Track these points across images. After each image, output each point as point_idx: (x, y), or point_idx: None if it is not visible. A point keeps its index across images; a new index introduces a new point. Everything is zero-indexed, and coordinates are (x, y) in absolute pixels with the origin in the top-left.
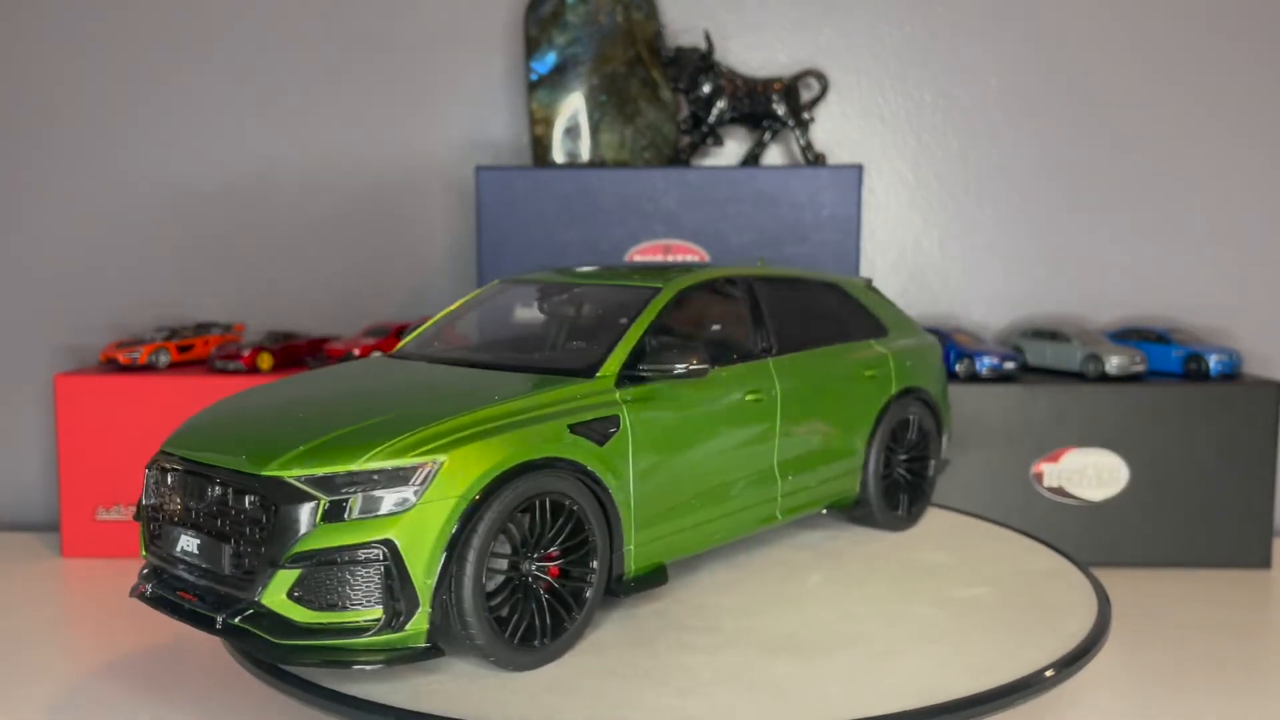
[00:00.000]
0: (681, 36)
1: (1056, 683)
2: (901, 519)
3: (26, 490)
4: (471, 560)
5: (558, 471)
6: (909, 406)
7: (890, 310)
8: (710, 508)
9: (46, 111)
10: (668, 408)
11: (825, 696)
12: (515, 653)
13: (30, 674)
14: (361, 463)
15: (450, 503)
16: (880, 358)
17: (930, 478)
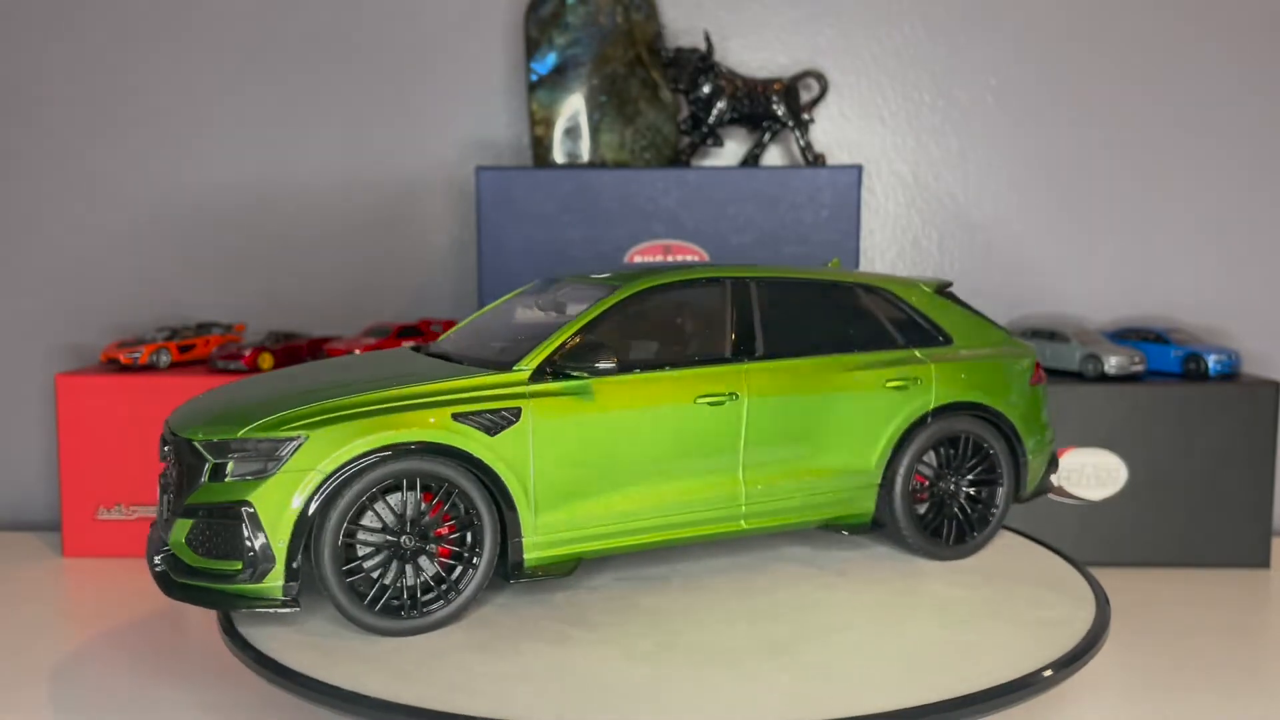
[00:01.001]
0: (681, 37)
1: (1055, 682)
2: (945, 549)
3: (27, 490)
4: (329, 529)
5: (436, 456)
6: (959, 423)
7: (961, 318)
8: (640, 508)
9: (47, 113)
10: (586, 405)
11: (814, 696)
12: (375, 618)
13: (31, 673)
14: (242, 433)
15: (308, 475)
16: (917, 369)
17: (997, 507)
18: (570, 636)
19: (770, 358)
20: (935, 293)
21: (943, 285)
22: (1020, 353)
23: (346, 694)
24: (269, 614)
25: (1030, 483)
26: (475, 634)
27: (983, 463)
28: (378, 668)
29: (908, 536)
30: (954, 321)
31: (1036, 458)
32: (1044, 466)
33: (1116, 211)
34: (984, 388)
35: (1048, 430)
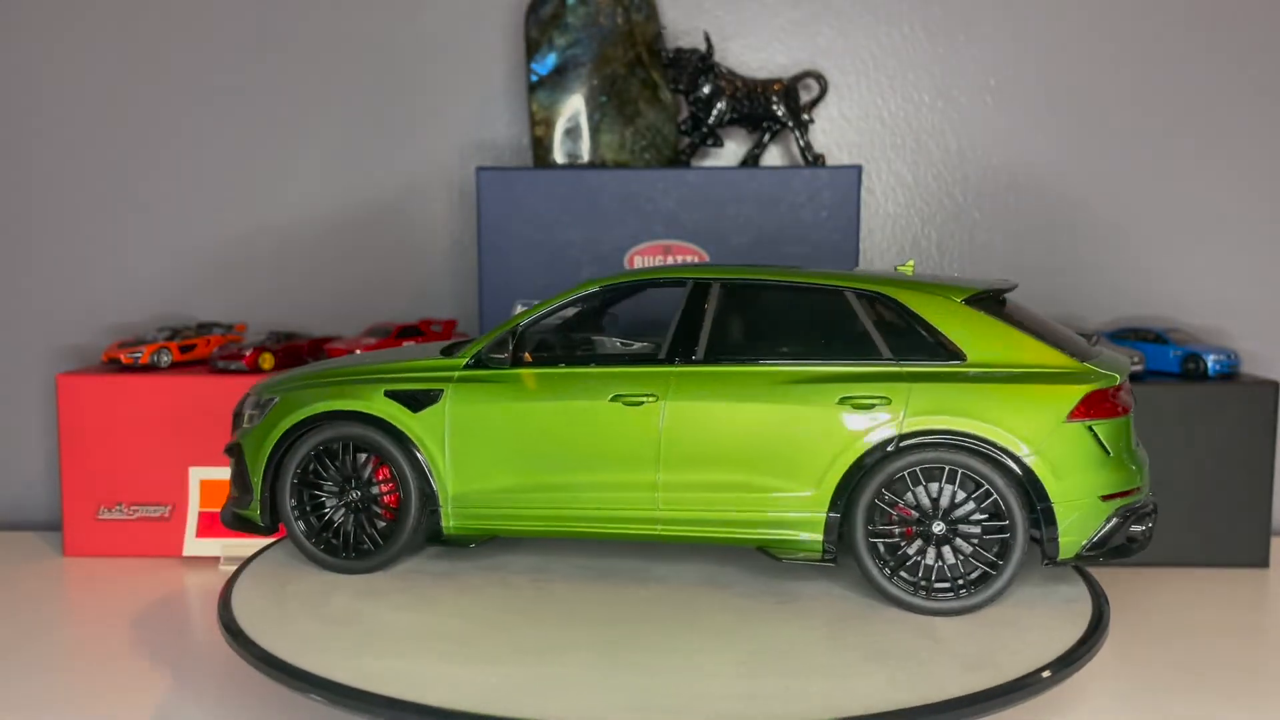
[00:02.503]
0: (681, 38)
1: (1054, 683)
2: (925, 600)
3: (28, 489)
4: (287, 474)
5: (369, 425)
6: (945, 456)
7: (991, 330)
8: (554, 497)
9: (48, 112)
10: (499, 394)
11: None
12: (322, 554)
13: (32, 673)
14: (259, 392)
15: (274, 429)
16: (887, 386)
17: (1003, 565)
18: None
19: (707, 362)
20: (967, 300)
21: (984, 292)
22: (1071, 378)
23: (347, 690)
24: (269, 613)
25: (1069, 543)
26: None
27: (979, 510)
28: (378, 666)
29: (871, 582)
30: (975, 334)
31: (1076, 511)
32: (1098, 524)
33: (1116, 211)
34: (983, 416)
35: (1104, 475)
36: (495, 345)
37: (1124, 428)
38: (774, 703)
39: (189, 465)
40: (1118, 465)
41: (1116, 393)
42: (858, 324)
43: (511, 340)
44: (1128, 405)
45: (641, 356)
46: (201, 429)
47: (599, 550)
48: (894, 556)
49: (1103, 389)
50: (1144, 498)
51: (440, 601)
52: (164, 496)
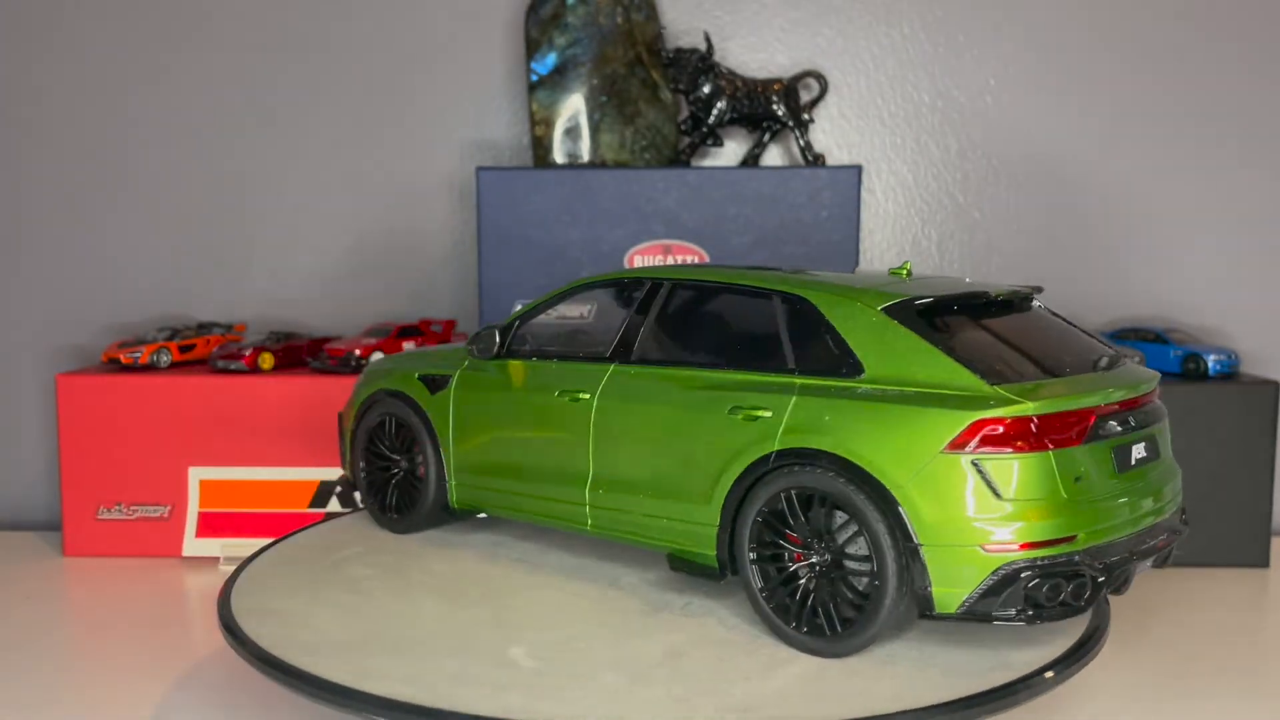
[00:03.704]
0: (681, 38)
1: (1057, 683)
2: (801, 636)
3: (28, 489)
4: (359, 437)
5: (404, 403)
6: (814, 479)
7: (902, 345)
8: (516, 483)
9: (47, 112)
10: (484, 383)
11: (822, 696)
12: (375, 513)
13: (31, 673)
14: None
15: (354, 402)
16: (772, 399)
17: (870, 612)
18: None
19: (637, 363)
20: (889, 308)
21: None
22: (962, 403)
23: (347, 691)
24: (268, 613)
25: (945, 595)
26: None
27: (847, 541)
28: (378, 666)
29: (754, 605)
30: (880, 347)
31: (949, 560)
32: (978, 579)
33: (1116, 211)
34: (853, 439)
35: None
36: (481, 338)
37: (1036, 467)
38: (776, 703)
39: (188, 465)
40: (1020, 512)
41: (1025, 424)
42: (774, 329)
43: (498, 335)
44: (1058, 441)
45: (593, 355)
46: (201, 429)
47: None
48: (777, 582)
49: (997, 418)
50: (1088, 551)
51: (441, 603)
52: (163, 496)
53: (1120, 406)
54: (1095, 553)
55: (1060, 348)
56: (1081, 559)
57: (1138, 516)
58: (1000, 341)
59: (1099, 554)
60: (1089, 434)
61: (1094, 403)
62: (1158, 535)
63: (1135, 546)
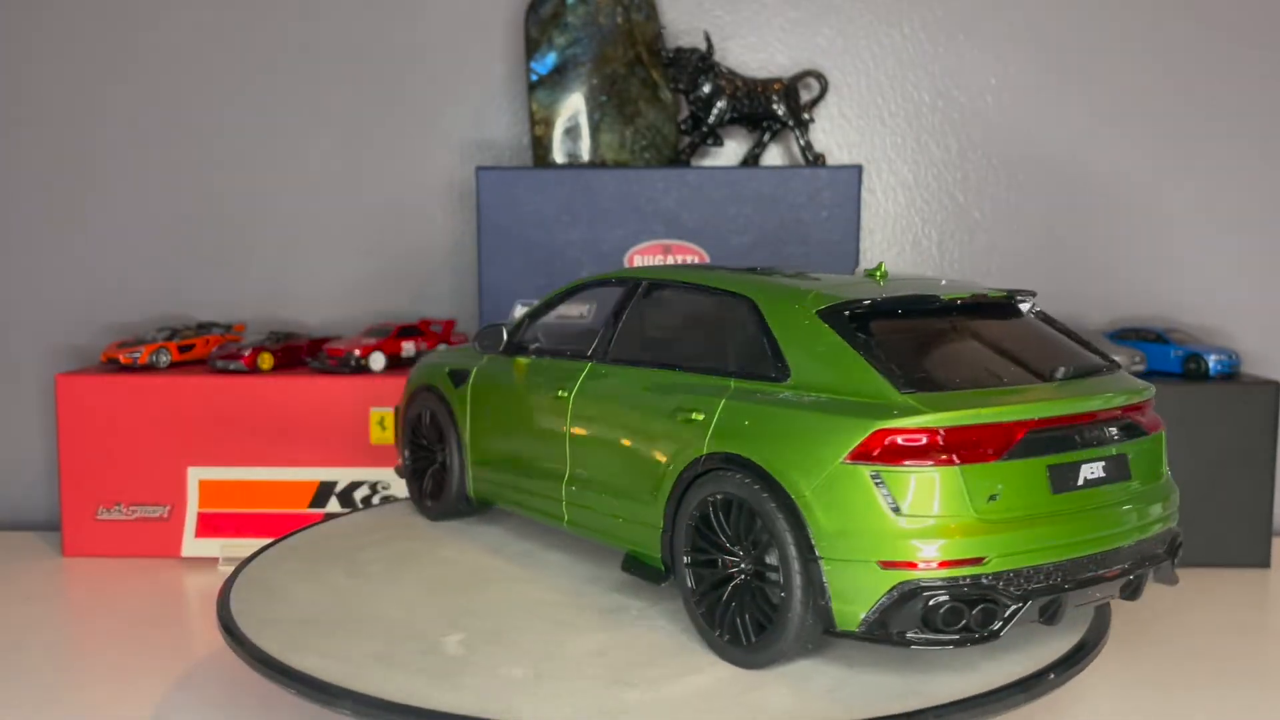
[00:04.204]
0: (681, 37)
1: (1058, 684)
2: (715, 642)
3: (27, 490)
4: (405, 433)
5: (436, 396)
6: (731, 484)
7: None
8: (514, 477)
9: (46, 112)
10: (493, 378)
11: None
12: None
13: (31, 673)
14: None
15: (405, 396)
16: (704, 401)
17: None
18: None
19: (611, 362)
20: (825, 310)
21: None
22: (869, 411)
23: (346, 693)
24: (267, 614)
25: (845, 612)
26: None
27: (758, 551)
28: (378, 667)
29: (688, 611)
30: (808, 351)
31: (847, 575)
32: (875, 596)
33: (1116, 211)
34: (766, 446)
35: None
36: (486, 334)
37: (939, 483)
38: (661, 710)
39: (188, 465)
40: (920, 529)
41: (930, 436)
42: (720, 330)
43: (504, 332)
44: (970, 455)
45: (577, 353)
46: (200, 429)
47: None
48: (707, 587)
49: (900, 429)
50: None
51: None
52: (163, 497)
53: (1065, 421)
54: (1011, 578)
55: (1015, 356)
56: (991, 583)
57: (1079, 542)
58: (942, 348)
59: (1016, 579)
60: (1013, 450)
61: (1022, 416)
62: (1116, 562)
63: (1074, 574)
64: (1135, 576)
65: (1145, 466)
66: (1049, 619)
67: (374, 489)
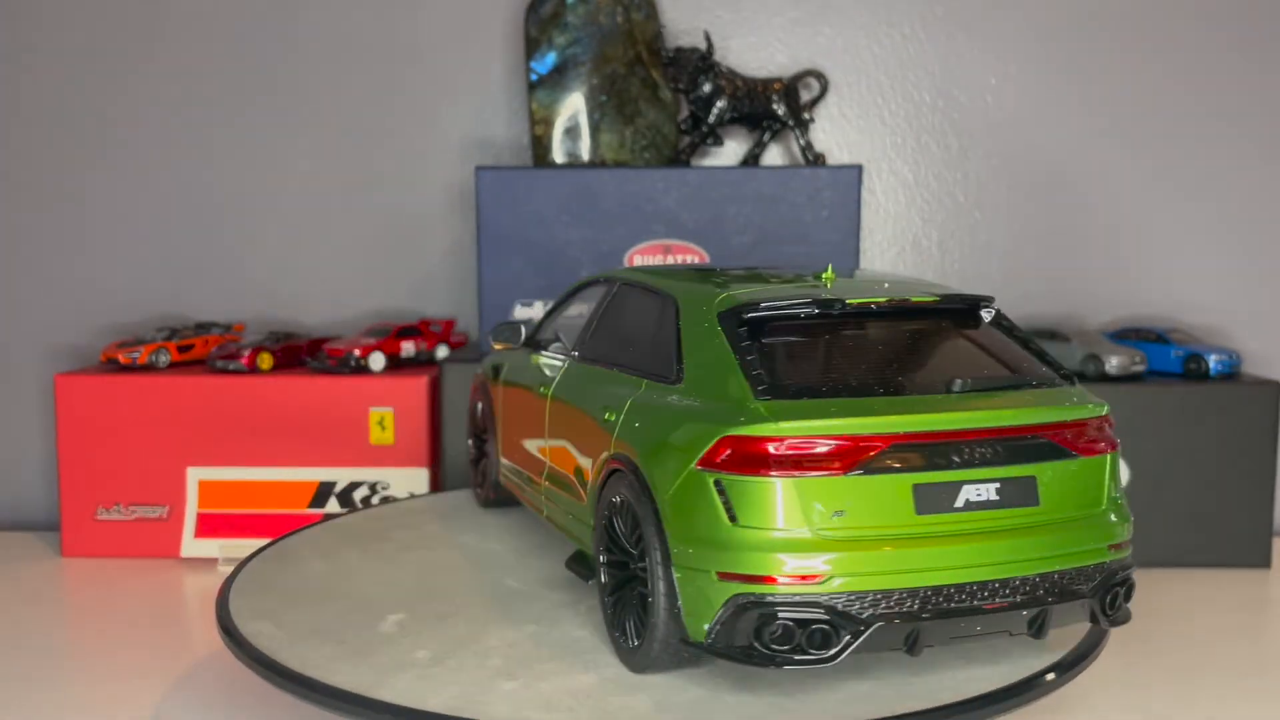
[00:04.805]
0: (681, 37)
1: (1058, 685)
2: (615, 643)
3: (27, 490)
4: (469, 423)
5: (485, 390)
6: (624, 487)
7: (713, 356)
8: (521, 470)
9: (46, 113)
10: (514, 373)
11: (822, 698)
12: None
13: (30, 674)
14: None
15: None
16: (621, 403)
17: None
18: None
19: (582, 360)
20: (725, 312)
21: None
22: (722, 417)
23: (345, 694)
24: (266, 615)
25: (693, 624)
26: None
27: (639, 550)
28: (377, 668)
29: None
30: (701, 354)
31: (693, 584)
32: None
33: (1117, 211)
34: (644, 449)
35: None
36: (502, 330)
37: (776, 494)
38: (781, 709)
39: (187, 465)
40: (757, 541)
41: (772, 445)
42: (651, 330)
43: (522, 329)
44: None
45: (563, 352)
46: (200, 429)
47: None
48: (612, 587)
49: (744, 436)
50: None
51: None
52: (162, 497)
53: (937, 437)
54: (854, 600)
55: (923, 364)
56: (830, 603)
57: (949, 569)
58: (836, 354)
59: (861, 602)
60: (865, 464)
61: (881, 430)
62: (1004, 595)
63: (937, 603)
64: (1038, 612)
65: (1067, 492)
66: (910, 648)
67: (373, 489)
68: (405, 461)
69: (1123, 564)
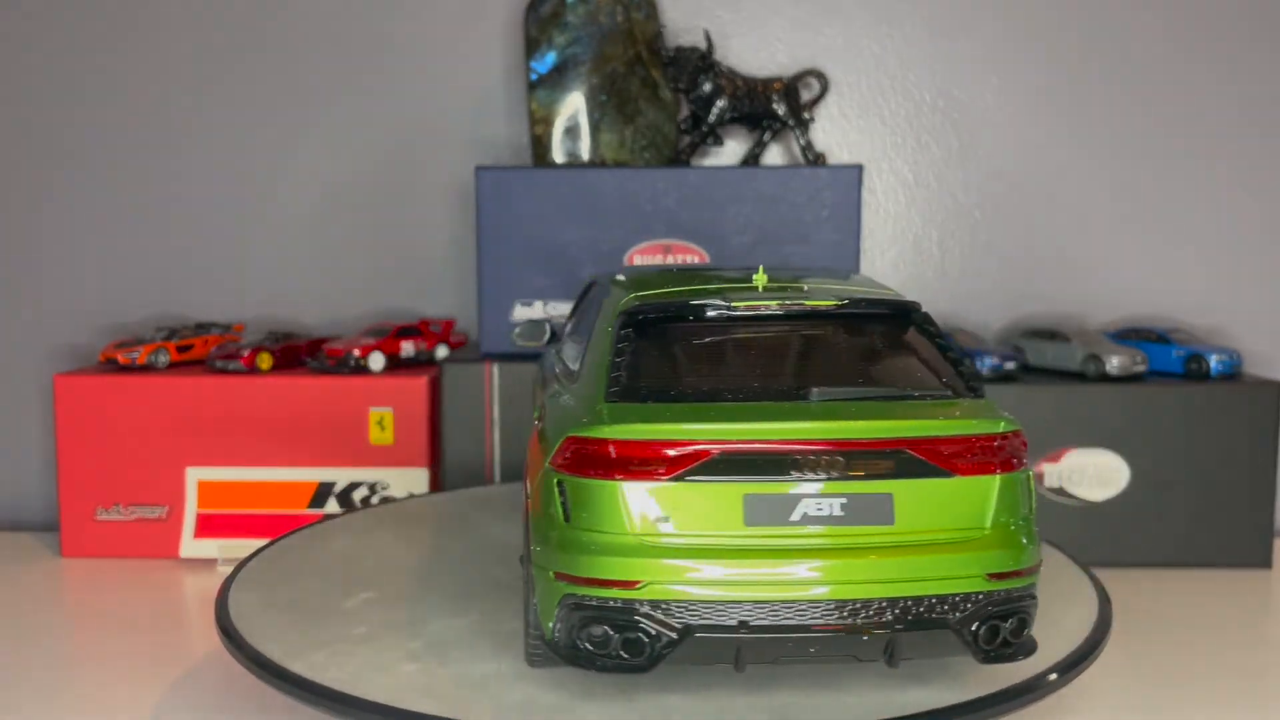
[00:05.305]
0: (681, 36)
1: (1060, 685)
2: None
3: (26, 490)
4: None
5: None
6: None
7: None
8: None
9: (44, 112)
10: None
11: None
12: None
13: (29, 674)
14: None
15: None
16: (543, 401)
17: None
18: None
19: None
20: (627, 311)
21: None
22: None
23: (343, 696)
24: (265, 616)
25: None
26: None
27: None
28: (377, 670)
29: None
30: (594, 353)
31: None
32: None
33: (1118, 211)
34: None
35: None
36: (526, 328)
37: (601, 496)
38: (787, 710)
39: (186, 466)
40: (583, 542)
41: (601, 448)
42: (590, 331)
43: (548, 327)
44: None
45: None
46: (199, 429)
47: None
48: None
49: (582, 438)
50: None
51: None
52: (161, 497)
53: (774, 447)
54: (670, 609)
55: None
56: (644, 611)
57: (779, 583)
58: (712, 358)
59: (676, 612)
60: (693, 471)
61: (713, 436)
62: (844, 617)
63: (761, 619)
64: (890, 639)
65: (933, 513)
66: (736, 664)
67: (373, 489)
68: (405, 462)
69: (1010, 594)
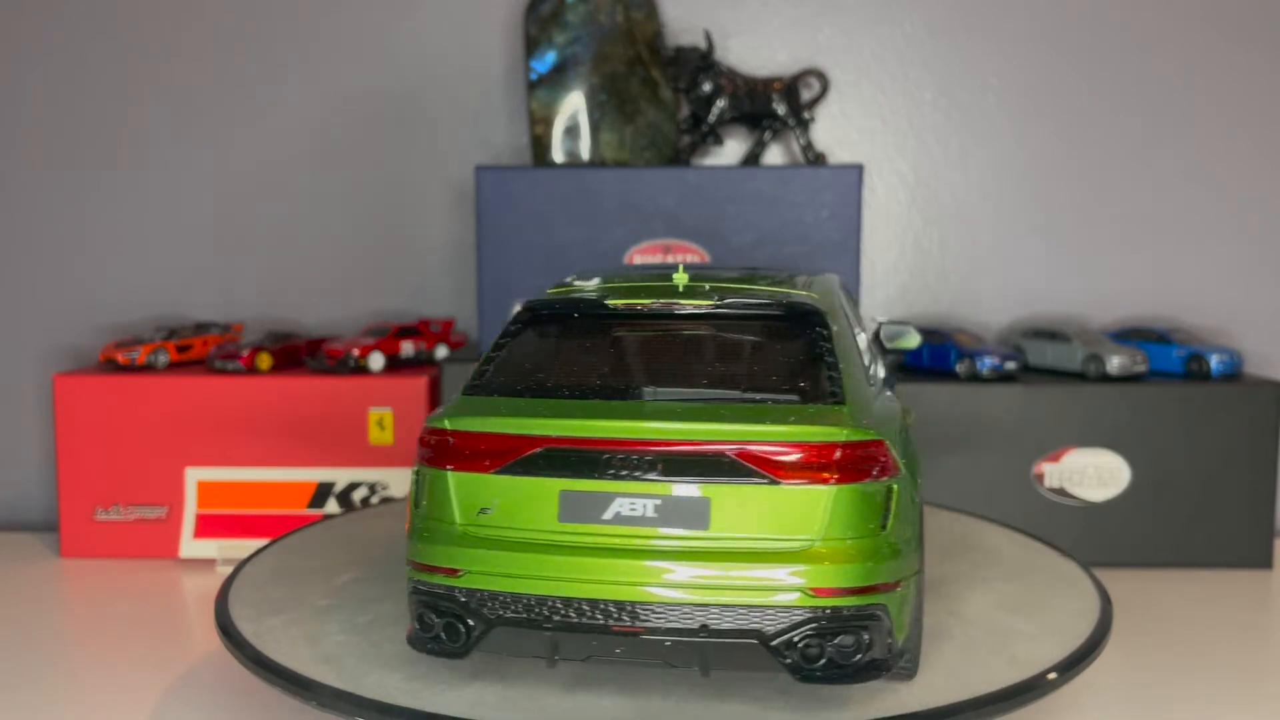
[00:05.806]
0: (682, 36)
1: (1060, 684)
2: None
3: (25, 490)
4: None
5: None
6: None
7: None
8: None
9: (44, 113)
10: None
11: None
12: None
13: (28, 674)
14: None
15: None
16: None
17: None
18: None
19: None
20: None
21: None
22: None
23: (343, 695)
24: (265, 616)
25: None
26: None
27: None
28: (377, 670)
29: None
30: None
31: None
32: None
33: (1119, 211)
34: None
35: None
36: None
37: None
38: (787, 710)
39: (186, 466)
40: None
41: (441, 439)
42: None
43: None
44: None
45: None
46: (199, 430)
47: None
48: None
49: (436, 429)
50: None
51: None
52: (161, 498)
53: (591, 444)
54: (484, 598)
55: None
56: (462, 599)
57: (586, 581)
58: (578, 355)
59: (489, 602)
60: (512, 465)
61: (533, 431)
62: (649, 620)
63: (567, 616)
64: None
65: (754, 520)
66: (548, 659)
67: (372, 489)
68: (405, 462)
69: (839, 612)
